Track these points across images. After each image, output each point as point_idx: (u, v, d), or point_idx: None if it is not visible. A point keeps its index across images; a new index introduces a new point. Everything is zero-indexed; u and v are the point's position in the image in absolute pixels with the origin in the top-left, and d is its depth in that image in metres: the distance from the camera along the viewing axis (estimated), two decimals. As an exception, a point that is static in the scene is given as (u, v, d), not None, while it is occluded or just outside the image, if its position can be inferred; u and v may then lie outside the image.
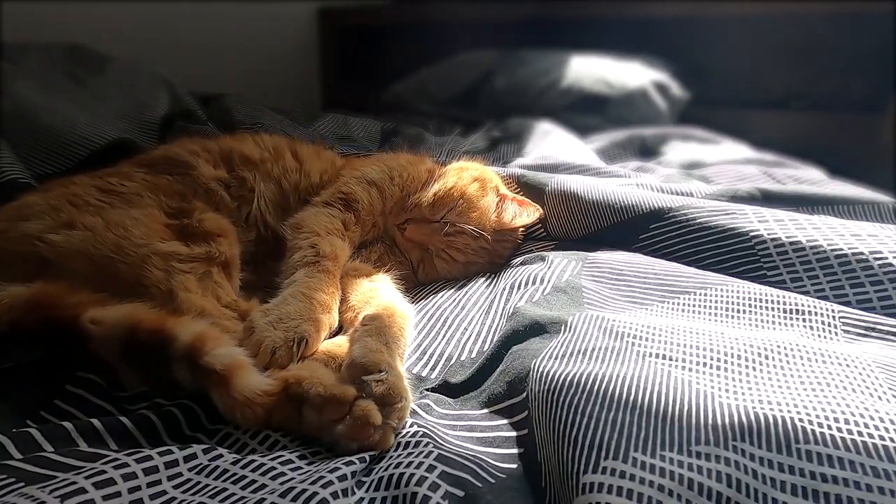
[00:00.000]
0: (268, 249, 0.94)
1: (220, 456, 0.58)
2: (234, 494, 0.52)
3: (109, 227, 0.78)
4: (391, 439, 0.61)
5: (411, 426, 0.63)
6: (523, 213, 1.02)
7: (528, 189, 1.12)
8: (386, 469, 0.56)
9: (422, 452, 0.57)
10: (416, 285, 1.00)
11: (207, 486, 0.54)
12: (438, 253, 0.99)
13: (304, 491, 0.51)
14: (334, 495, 0.51)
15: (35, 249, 0.76)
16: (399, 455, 0.58)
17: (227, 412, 0.62)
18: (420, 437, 0.60)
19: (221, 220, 0.88)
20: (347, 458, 0.57)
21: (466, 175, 1.03)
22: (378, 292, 0.83)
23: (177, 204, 0.87)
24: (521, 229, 1.07)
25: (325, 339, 0.74)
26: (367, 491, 0.54)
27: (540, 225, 1.10)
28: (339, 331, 0.79)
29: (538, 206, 1.04)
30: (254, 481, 0.54)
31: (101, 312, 0.68)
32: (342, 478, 0.53)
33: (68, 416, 0.64)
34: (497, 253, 1.02)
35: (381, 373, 0.63)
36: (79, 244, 0.76)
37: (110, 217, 0.80)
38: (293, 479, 0.54)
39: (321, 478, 0.53)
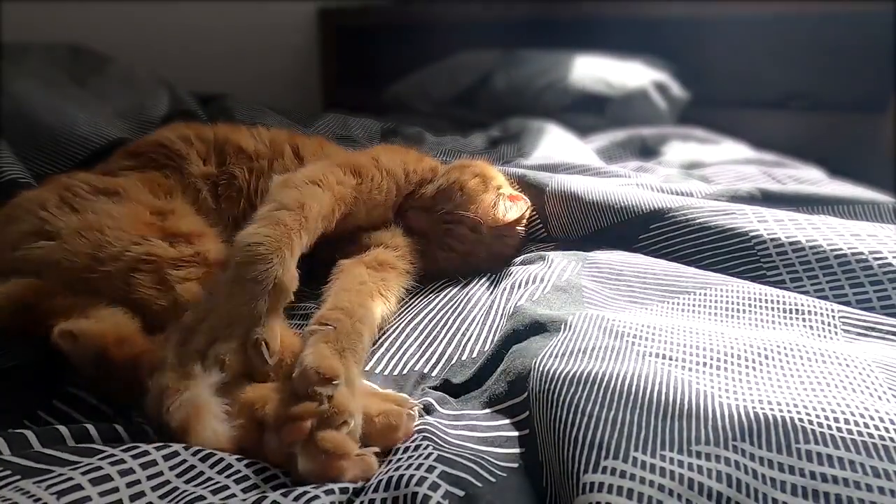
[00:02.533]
0: None
1: (222, 459, 0.58)
2: (234, 495, 0.53)
3: (82, 233, 0.71)
4: (375, 466, 0.56)
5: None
6: (513, 207, 1.02)
7: (529, 189, 1.12)
8: (386, 472, 0.55)
9: (421, 454, 0.56)
10: (417, 285, 1.00)
11: (210, 478, 0.54)
12: (439, 243, 0.99)
13: (305, 492, 0.51)
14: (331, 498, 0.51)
15: (13, 260, 0.72)
16: (399, 458, 0.58)
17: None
18: (420, 438, 0.60)
19: (198, 220, 0.83)
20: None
21: (469, 171, 1.04)
22: (359, 290, 0.79)
23: (159, 203, 0.82)
24: (517, 225, 1.06)
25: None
26: (366, 494, 0.54)
27: (540, 224, 1.11)
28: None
29: (526, 199, 1.05)
30: (256, 485, 0.54)
31: (72, 325, 0.63)
32: (343, 490, 0.53)
33: (66, 416, 0.64)
34: (497, 251, 1.03)
35: (335, 383, 0.58)
36: (46, 255, 0.70)
37: (86, 219, 0.73)
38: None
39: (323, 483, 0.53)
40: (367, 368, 0.74)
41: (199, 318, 0.64)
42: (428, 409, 0.67)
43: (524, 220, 1.08)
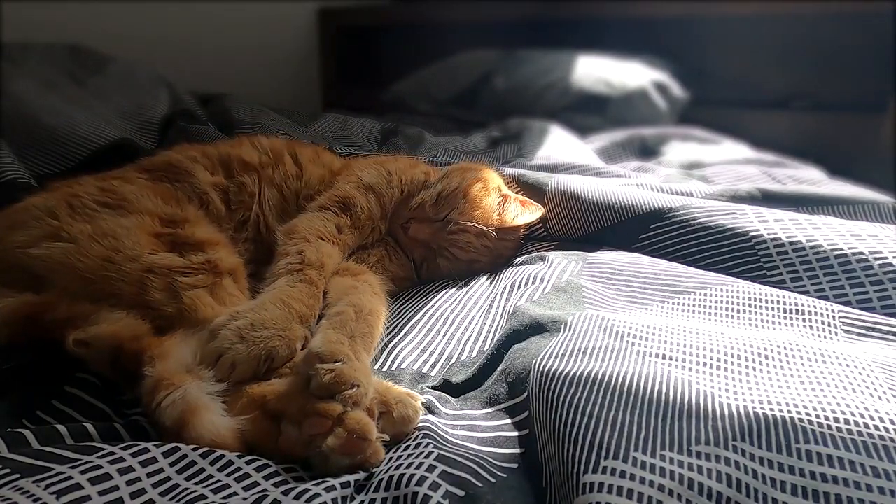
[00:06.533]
0: (268, 258, 0.93)
1: (223, 456, 0.58)
2: (235, 493, 0.53)
3: (96, 238, 0.73)
4: (381, 453, 0.59)
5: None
6: (525, 212, 1.02)
7: (529, 189, 1.12)
8: (386, 471, 0.56)
9: (422, 453, 0.57)
10: (417, 284, 1.00)
11: (212, 476, 0.54)
12: (441, 251, 0.99)
13: (306, 490, 0.51)
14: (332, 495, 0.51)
15: (23, 262, 0.73)
16: (399, 457, 0.58)
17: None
18: (421, 437, 0.60)
19: (212, 228, 0.86)
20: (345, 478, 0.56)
21: (469, 175, 1.03)
22: (356, 290, 0.81)
23: (171, 210, 0.84)
24: (523, 229, 1.07)
25: (299, 349, 0.70)
26: (367, 493, 0.54)
27: (540, 225, 1.10)
28: None
29: (539, 206, 1.04)
30: (256, 482, 0.54)
31: (84, 334, 0.65)
32: (345, 485, 0.54)
33: (65, 416, 0.64)
34: (499, 252, 1.03)
35: (337, 363, 0.60)
36: (61, 257, 0.71)
37: (100, 226, 0.75)
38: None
39: (323, 480, 0.53)
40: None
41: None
42: (430, 408, 0.67)
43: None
